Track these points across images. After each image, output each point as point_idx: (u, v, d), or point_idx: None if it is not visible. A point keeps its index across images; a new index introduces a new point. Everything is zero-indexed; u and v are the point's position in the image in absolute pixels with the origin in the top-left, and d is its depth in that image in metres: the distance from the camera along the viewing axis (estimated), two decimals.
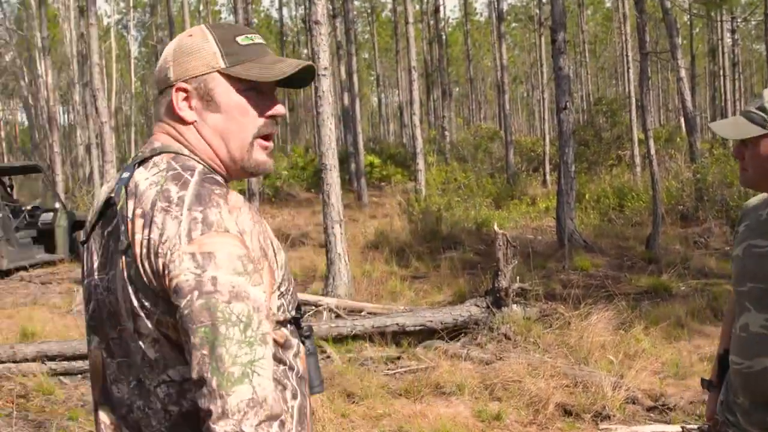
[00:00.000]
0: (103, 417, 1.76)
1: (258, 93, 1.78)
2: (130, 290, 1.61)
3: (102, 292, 1.72)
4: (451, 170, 22.50)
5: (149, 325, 1.61)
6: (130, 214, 1.63)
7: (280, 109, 1.82)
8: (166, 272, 1.54)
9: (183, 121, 1.77)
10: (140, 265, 1.59)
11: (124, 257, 1.62)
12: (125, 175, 1.73)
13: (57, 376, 7.64)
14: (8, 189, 17.59)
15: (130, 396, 1.69)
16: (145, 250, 1.58)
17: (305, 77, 1.87)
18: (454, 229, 15.64)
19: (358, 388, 6.54)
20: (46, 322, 9.96)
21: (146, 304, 1.60)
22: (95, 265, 1.75)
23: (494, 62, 42.04)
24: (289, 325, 1.79)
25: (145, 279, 1.58)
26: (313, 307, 9.51)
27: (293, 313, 1.79)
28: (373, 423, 5.89)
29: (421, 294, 10.74)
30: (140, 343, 1.64)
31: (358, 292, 10.60)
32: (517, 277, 8.46)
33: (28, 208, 16.59)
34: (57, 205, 16.62)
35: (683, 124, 21.88)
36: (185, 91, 1.76)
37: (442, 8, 34.70)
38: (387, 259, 13.35)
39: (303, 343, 1.84)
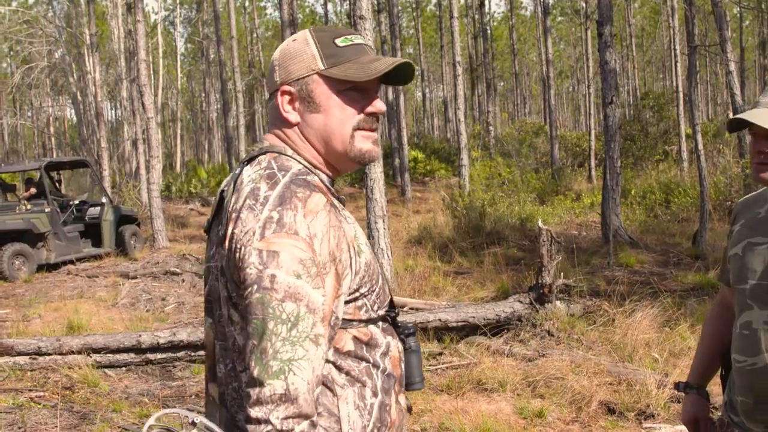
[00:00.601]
0: (212, 391, 1.90)
1: (359, 91, 1.85)
2: (222, 280, 1.77)
3: (212, 278, 1.86)
4: (495, 165, 22.34)
5: (236, 312, 1.73)
6: (230, 208, 1.77)
7: (378, 105, 1.89)
8: (240, 264, 1.67)
9: (288, 123, 1.88)
10: (228, 258, 1.72)
11: (221, 248, 1.77)
12: (237, 171, 1.88)
13: (102, 369, 7.74)
14: (56, 184, 17.88)
15: (226, 377, 1.81)
16: (230, 244, 1.72)
17: (406, 74, 1.94)
18: (497, 224, 15.54)
19: None
20: (91, 315, 10.11)
21: (233, 294, 1.73)
22: (210, 253, 1.88)
23: (539, 57, 41.76)
24: (381, 323, 1.88)
25: (231, 270, 1.72)
26: None
27: (380, 312, 1.87)
28: (414, 419, 5.86)
29: (464, 290, 10.67)
30: (232, 328, 1.76)
31: (401, 287, 10.58)
32: (561, 273, 8.37)
33: (76, 202, 16.83)
34: (104, 199, 16.84)
35: None
36: (289, 93, 1.86)
37: (487, 2, 34.51)
38: (430, 255, 13.30)
39: (403, 341, 1.95)
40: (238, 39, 42.34)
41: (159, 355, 7.87)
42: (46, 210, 15.20)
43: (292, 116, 1.86)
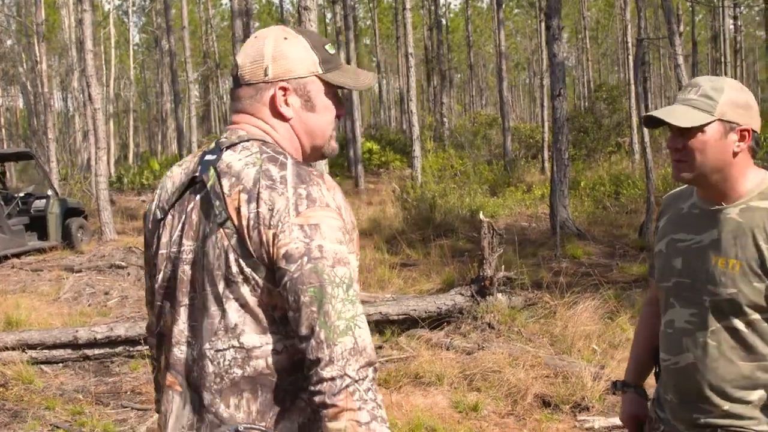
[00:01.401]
0: (169, 378, 1.95)
1: (336, 96, 2.04)
2: (231, 258, 1.80)
3: (181, 262, 1.92)
4: (448, 157, 22.38)
5: (242, 290, 1.80)
6: (227, 191, 1.83)
7: (343, 108, 2.10)
8: (276, 241, 1.75)
9: (282, 117, 1.98)
10: (246, 236, 1.78)
11: (222, 229, 1.82)
12: (210, 157, 1.92)
13: (38, 365, 7.60)
14: (0, 176, 17.54)
15: (194, 357, 1.88)
16: (252, 222, 1.77)
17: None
18: (448, 216, 15.56)
19: None
20: (32, 310, 9.90)
21: (246, 270, 1.79)
22: (174, 237, 1.95)
23: (495, 48, 41.85)
24: None
25: (250, 248, 1.78)
26: None
27: None
28: None
29: (410, 282, 10.65)
30: (225, 306, 1.82)
31: None
32: (502, 266, 8.37)
33: (21, 194, 16.51)
34: (50, 192, 16.54)
35: None
36: (285, 90, 1.96)
37: None
38: (378, 246, 13.27)
39: None
40: (193, 29, 41.91)
41: (96, 351, 7.74)
42: None
43: (288, 111, 1.97)
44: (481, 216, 8.43)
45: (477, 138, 27.80)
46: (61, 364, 7.71)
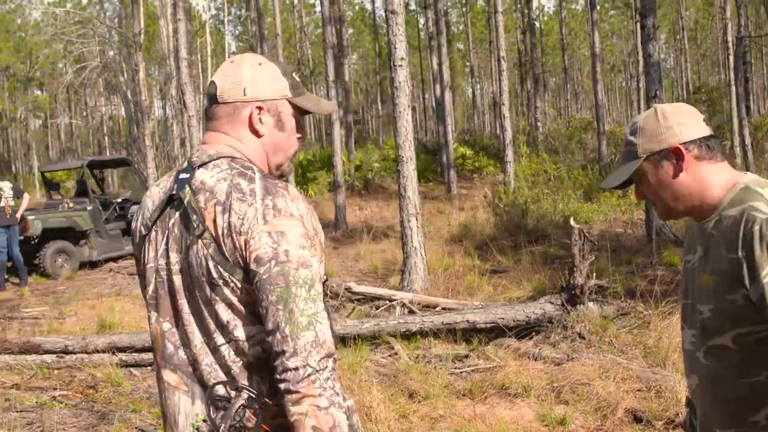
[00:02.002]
0: (168, 377, 2.13)
1: (299, 119, 2.27)
2: (211, 264, 2.00)
3: (168, 273, 2.11)
4: (542, 162, 22.00)
5: (225, 291, 2.00)
6: (203, 205, 2.03)
7: (305, 131, 2.34)
8: (247, 246, 1.95)
9: (256, 133, 2.20)
10: (222, 244, 1.98)
11: (200, 240, 2.02)
12: (184, 176, 2.12)
13: (128, 368, 7.73)
14: (100, 182, 18.02)
15: (196, 356, 2.06)
16: (226, 231, 1.98)
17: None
18: (540, 222, 15.27)
19: (421, 388, 6.34)
20: (126, 313, 10.11)
21: (225, 274, 1.99)
22: (159, 251, 2.14)
23: (589, 51, 41.14)
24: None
25: (226, 253, 1.98)
26: (387, 302, 9.35)
27: (324, 278, 2.16)
28: (430, 425, 5.69)
29: (500, 289, 10.42)
30: (216, 308, 2.02)
31: (435, 286, 10.39)
32: (594, 274, 8.10)
33: (119, 200, 16.93)
34: None
35: None
36: (261, 109, 2.18)
37: None
38: (469, 253, 13.09)
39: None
40: (288, 37, 42.44)
41: None
42: (89, 208, 15.32)
43: (262, 129, 2.19)
44: (572, 222, 8.18)
45: (571, 142, 27.28)
46: (149, 368, 7.81)
